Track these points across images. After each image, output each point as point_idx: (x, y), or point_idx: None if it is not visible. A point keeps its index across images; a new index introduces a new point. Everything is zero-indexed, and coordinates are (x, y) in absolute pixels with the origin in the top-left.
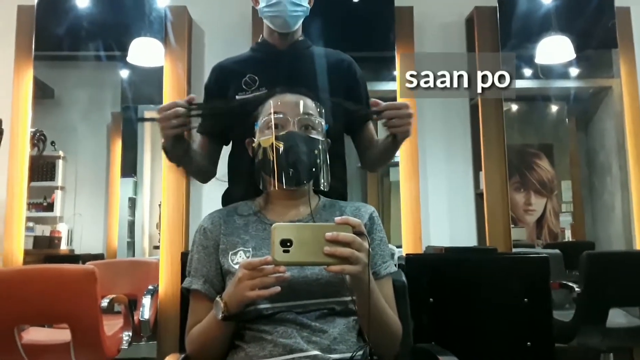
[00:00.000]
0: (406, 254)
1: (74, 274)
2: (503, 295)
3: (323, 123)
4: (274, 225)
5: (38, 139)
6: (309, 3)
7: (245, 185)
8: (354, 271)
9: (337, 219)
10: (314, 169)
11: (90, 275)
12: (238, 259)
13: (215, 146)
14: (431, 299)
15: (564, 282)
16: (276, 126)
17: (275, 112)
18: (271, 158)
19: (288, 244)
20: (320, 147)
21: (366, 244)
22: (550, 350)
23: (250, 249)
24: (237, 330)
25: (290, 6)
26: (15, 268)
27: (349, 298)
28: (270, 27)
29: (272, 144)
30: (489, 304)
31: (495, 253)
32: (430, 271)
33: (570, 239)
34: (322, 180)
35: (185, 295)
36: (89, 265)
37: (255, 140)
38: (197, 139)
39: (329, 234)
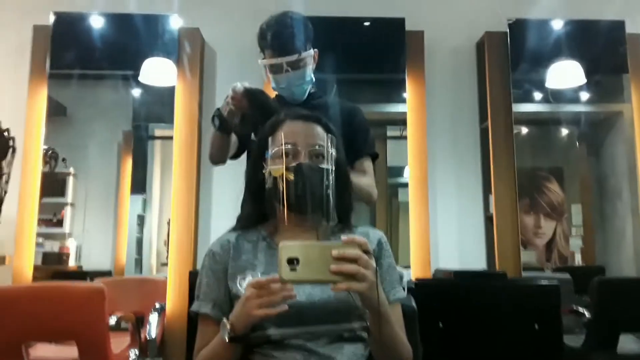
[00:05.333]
0: (416, 279)
1: (83, 292)
2: (513, 321)
3: (334, 153)
4: (281, 244)
5: (50, 157)
6: (312, 68)
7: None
8: (360, 289)
9: (344, 237)
10: (323, 201)
11: (99, 293)
12: (246, 283)
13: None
14: (441, 324)
15: (575, 307)
16: (287, 156)
17: (286, 142)
18: (281, 188)
19: (295, 262)
20: (330, 177)
21: (373, 262)
22: None
23: (259, 274)
24: (246, 355)
25: (297, 90)
26: (23, 285)
27: (357, 325)
28: None
29: (283, 174)
30: (499, 330)
31: (505, 279)
32: (440, 296)
33: (581, 263)
34: (331, 210)
35: (194, 318)
36: (98, 282)
37: (266, 167)
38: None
39: (335, 252)
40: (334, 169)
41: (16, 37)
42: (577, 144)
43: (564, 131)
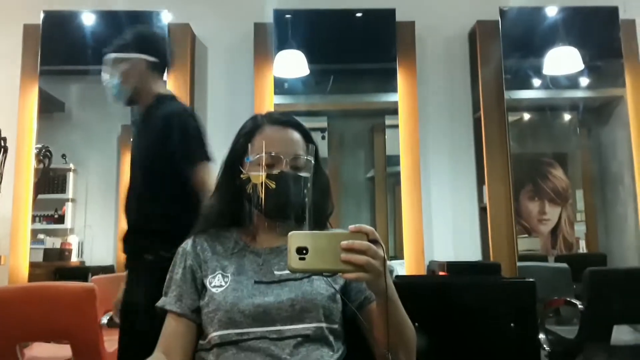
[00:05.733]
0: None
1: (74, 292)
2: (489, 319)
3: (312, 161)
4: (290, 233)
5: (44, 155)
6: (120, 77)
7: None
8: (368, 279)
9: (351, 227)
10: (301, 209)
11: (90, 292)
12: (216, 282)
13: None
14: (416, 324)
15: (568, 299)
16: (268, 163)
17: (267, 151)
18: (262, 196)
19: (304, 251)
20: (308, 185)
21: (381, 252)
22: None
23: (229, 275)
24: (206, 354)
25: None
26: (17, 286)
27: (324, 324)
28: None
29: (263, 182)
30: (475, 329)
31: (497, 271)
32: (414, 295)
33: (585, 250)
34: (309, 216)
35: (160, 314)
36: (97, 278)
37: (245, 173)
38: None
39: (344, 242)
40: (312, 175)
41: (6, 37)
42: (578, 129)
43: (567, 117)
